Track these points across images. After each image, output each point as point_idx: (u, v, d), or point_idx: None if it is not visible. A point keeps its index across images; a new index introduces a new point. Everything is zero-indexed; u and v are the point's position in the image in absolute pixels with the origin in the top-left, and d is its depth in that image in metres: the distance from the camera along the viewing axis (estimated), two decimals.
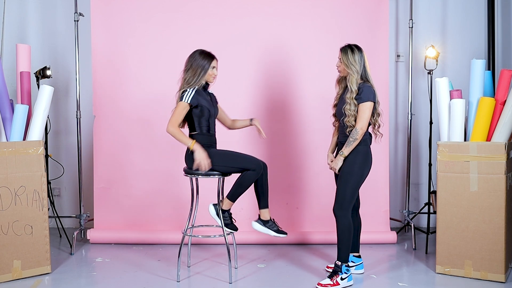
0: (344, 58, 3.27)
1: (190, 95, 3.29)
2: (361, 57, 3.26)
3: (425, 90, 4.71)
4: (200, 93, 3.34)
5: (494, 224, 3.34)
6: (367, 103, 3.21)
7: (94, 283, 3.42)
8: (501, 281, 3.33)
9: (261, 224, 3.50)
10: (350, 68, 3.24)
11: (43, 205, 3.49)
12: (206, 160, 3.26)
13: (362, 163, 3.24)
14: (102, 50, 4.33)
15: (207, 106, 3.34)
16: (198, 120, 3.36)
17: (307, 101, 4.36)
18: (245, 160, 3.33)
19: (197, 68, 3.33)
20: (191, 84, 3.32)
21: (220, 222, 3.37)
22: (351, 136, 3.21)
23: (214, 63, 3.39)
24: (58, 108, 4.84)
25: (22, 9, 4.79)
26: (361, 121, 3.21)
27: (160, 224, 4.34)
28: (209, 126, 3.39)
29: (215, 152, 3.37)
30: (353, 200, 3.27)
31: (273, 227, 3.52)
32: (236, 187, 3.35)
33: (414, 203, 4.88)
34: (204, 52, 3.38)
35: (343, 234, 3.24)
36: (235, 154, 3.37)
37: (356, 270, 3.53)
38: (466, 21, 4.86)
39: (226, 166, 3.33)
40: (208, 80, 3.40)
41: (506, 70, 3.51)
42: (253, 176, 3.31)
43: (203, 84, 3.38)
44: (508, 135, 3.41)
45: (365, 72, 3.28)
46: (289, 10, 4.35)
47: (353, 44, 3.31)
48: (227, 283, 3.35)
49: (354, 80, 3.22)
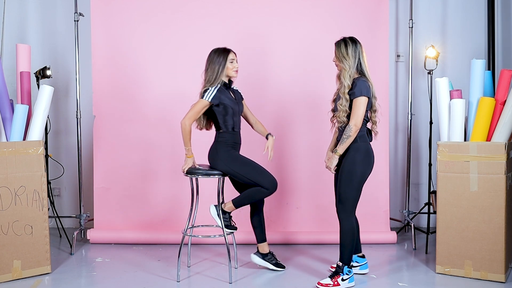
0: (336, 52, 3.21)
1: (212, 94, 3.29)
2: (356, 50, 3.17)
3: (425, 90, 4.71)
4: (222, 91, 3.34)
5: (494, 224, 3.33)
6: (361, 98, 3.10)
7: (94, 283, 3.42)
8: (501, 281, 3.33)
9: (260, 258, 3.57)
10: (342, 62, 3.16)
11: (43, 205, 3.49)
12: (190, 163, 3.41)
13: (363, 160, 3.16)
14: (102, 50, 4.33)
15: (230, 104, 3.35)
16: (222, 118, 3.36)
17: (307, 101, 4.35)
18: (262, 175, 3.33)
19: (215, 66, 3.34)
20: (212, 82, 3.33)
21: (220, 223, 3.37)
22: (345, 133, 3.13)
23: (232, 55, 3.38)
24: (58, 108, 4.84)
25: (22, 9, 4.79)
26: (354, 117, 3.10)
27: (160, 224, 4.34)
28: (234, 124, 3.40)
29: (238, 158, 3.38)
30: (357, 201, 3.19)
31: (272, 260, 3.57)
32: (244, 197, 3.38)
33: (414, 203, 4.88)
34: (219, 49, 3.39)
35: (346, 236, 3.19)
36: (255, 166, 3.36)
37: (360, 270, 3.51)
38: (466, 21, 4.86)
39: (242, 175, 3.33)
40: (229, 74, 3.39)
41: (506, 70, 3.51)
42: (264, 194, 3.34)
43: (224, 81, 3.38)
44: (508, 135, 3.41)
45: (361, 65, 3.18)
46: (289, 10, 4.35)
47: (349, 37, 3.22)
48: (227, 283, 3.35)
49: (347, 75, 3.13)
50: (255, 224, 3.54)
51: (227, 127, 3.38)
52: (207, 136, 3.58)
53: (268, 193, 3.34)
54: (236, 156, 3.38)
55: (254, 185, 3.34)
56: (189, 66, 4.32)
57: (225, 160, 3.34)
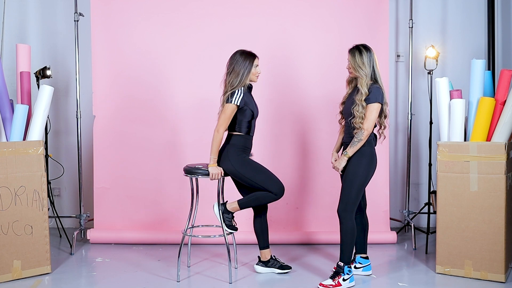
0: (352, 61, 3.25)
1: (240, 97, 3.26)
2: (370, 58, 3.23)
3: (425, 90, 4.71)
4: (246, 94, 3.32)
5: (494, 224, 3.33)
6: (375, 105, 3.19)
7: (94, 283, 3.42)
8: (501, 281, 3.33)
9: (263, 266, 3.54)
10: (358, 72, 3.22)
11: (43, 205, 3.49)
12: (218, 170, 3.32)
13: (367, 164, 3.23)
14: (102, 50, 4.33)
15: (251, 108, 3.33)
16: (242, 121, 3.33)
17: (307, 101, 4.35)
18: (271, 181, 3.33)
19: (240, 70, 3.29)
20: (235, 86, 3.28)
21: (221, 222, 3.37)
22: (356, 136, 3.20)
23: (257, 61, 3.36)
24: (58, 108, 4.83)
25: (22, 9, 4.79)
26: (367, 122, 3.19)
27: (160, 224, 4.34)
28: (249, 127, 3.37)
29: (248, 162, 3.36)
30: (358, 202, 3.25)
31: (276, 264, 3.54)
32: (251, 200, 3.37)
33: (414, 203, 4.88)
34: (245, 52, 3.34)
35: (346, 235, 3.22)
36: (264, 171, 3.36)
37: (364, 271, 3.51)
38: (466, 21, 4.86)
39: (250, 179, 3.33)
40: (252, 79, 3.37)
41: (506, 70, 3.51)
42: (271, 199, 3.35)
43: (248, 85, 3.36)
44: (508, 135, 3.41)
45: (374, 73, 3.26)
46: (289, 10, 4.35)
47: (361, 45, 3.28)
48: (227, 283, 3.35)
49: (365, 83, 3.20)
50: (257, 228, 3.50)
51: (241, 130, 3.35)
52: (209, 136, 3.57)
53: (276, 198, 3.34)
54: (246, 161, 3.36)
55: (261, 189, 3.34)
56: (189, 66, 4.33)
57: (234, 163, 3.32)
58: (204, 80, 4.31)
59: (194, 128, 4.33)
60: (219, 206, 3.39)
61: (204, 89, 4.30)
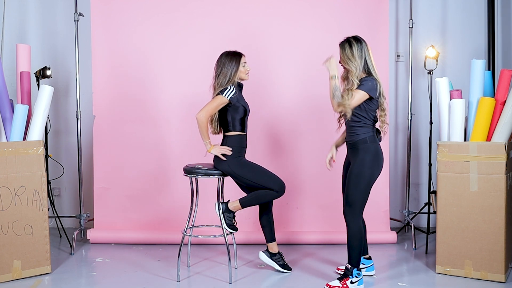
0: (341, 53, 3.16)
1: (231, 93, 3.28)
2: (361, 50, 3.11)
3: (425, 90, 4.71)
4: (237, 92, 3.33)
5: (494, 224, 3.33)
6: (361, 92, 3.05)
7: (94, 283, 3.42)
8: (501, 281, 3.33)
9: (268, 256, 3.55)
10: (348, 65, 3.11)
11: (43, 205, 3.49)
12: (221, 149, 3.31)
13: (372, 162, 3.12)
14: (102, 50, 4.33)
15: (244, 105, 3.35)
16: (233, 119, 3.35)
17: (307, 101, 4.35)
18: (271, 179, 3.35)
19: (227, 71, 3.32)
20: (224, 85, 3.31)
21: (222, 221, 3.36)
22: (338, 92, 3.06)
23: (243, 59, 3.38)
24: (58, 108, 4.84)
25: (22, 9, 4.79)
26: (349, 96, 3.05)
27: (160, 224, 4.34)
28: (243, 125, 3.39)
29: (246, 164, 3.38)
30: (364, 203, 3.14)
31: (279, 261, 3.55)
32: (252, 198, 3.38)
33: (414, 203, 4.88)
34: (231, 53, 3.37)
35: (354, 239, 3.15)
36: (263, 171, 3.38)
37: (367, 272, 3.49)
38: (466, 21, 4.86)
39: (250, 180, 3.34)
40: (242, 77, 3.39)
41: (506, 70, 3.51)
42: (273, 197, 3.36)
43: (237, 83, 3.37)
44: (508, 135, 3.41)
45: (367, 64, 3.13)
46: (289, 10, 4.35)
47: (352, 37, 3.16)
48: (227, 283, 3.35)
49: (355, 76, 3.08)
50: (264, 223, 3.52)
51: (235, 128, 3.36)
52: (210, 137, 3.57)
53: (278, 196, 3.36)
54: (244, 163, 3.37)
55: (262, 188, 3.34)
56: (189, 66, 4.33)
57: (232, 166, 3.34)
58: (204, 80, 4.28)
59: (194, 128, 4.31)
60: (221, 205, 3.40)
61: (204, 89, 4.28)
